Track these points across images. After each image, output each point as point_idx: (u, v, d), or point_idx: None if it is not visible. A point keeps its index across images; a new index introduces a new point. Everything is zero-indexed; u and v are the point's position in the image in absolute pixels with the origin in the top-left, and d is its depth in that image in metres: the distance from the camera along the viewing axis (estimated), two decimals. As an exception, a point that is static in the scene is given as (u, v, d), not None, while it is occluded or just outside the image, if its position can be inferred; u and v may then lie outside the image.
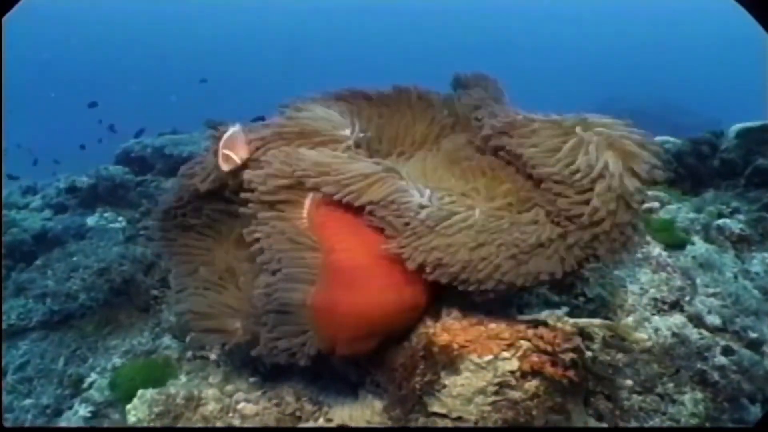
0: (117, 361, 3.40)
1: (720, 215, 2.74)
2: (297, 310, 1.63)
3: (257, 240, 1.72)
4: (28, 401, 3.36)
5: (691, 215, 2.62)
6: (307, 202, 1.71)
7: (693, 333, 1.95)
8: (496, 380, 1.66)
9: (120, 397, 2.79)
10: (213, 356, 2.68)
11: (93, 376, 3.40)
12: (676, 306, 1.99)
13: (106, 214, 4.90)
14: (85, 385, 3.35)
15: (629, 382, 1.85)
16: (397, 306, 1.62)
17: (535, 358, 1.69)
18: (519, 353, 1.66)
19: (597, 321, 1.65)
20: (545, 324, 1.63)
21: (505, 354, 1.65)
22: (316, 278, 1.62)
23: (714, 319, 2.02)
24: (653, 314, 1.94)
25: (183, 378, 2.67)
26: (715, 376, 1.90)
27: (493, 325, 1.63)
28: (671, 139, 3.41)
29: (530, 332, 1.64)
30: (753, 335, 2.01)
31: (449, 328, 1.65)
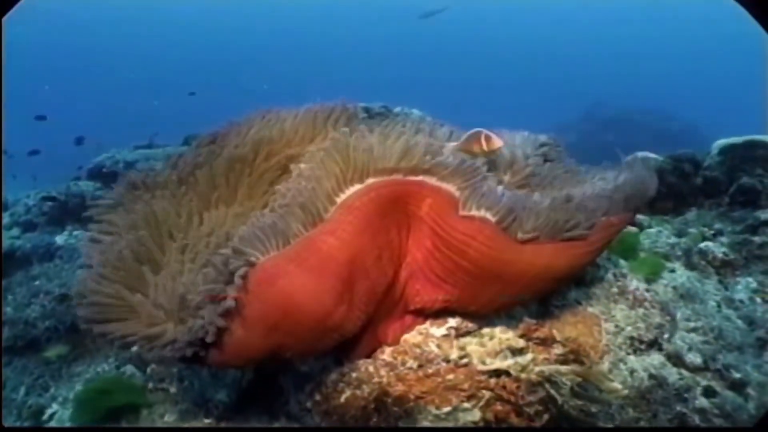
0: (80, 390, 3.27)
1: (703, 238, 2.62)
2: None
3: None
4: (-16, 434, 3.22)
5: (672, 240, 2.50)
6: (369, 182, 1.52)
7: (672, 373, 1.82)
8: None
9: (86, 420, 2.67)
10: (173, 389, 2.57)
11: (54, 406, 3.27)
12: (654, 345, 1.86)
13: (75, 233, 4.76)
14: (45, 417, 3.22)
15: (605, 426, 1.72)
16: (324, 313, 1.45)
17: (498, 407, 1.56)
18: (481, 403, 1.54)
19: (565, 368, 1.53)
20: (508, 373, 1.50)
21: (466, 405, 1.52)
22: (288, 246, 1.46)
23: (695, 358, 1.89)
24: (629, 354, 1.81)
25: (144, 411, 2.56)
26: (696, 419, 1.78)
27: (450, 376, 1.50)
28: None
29: (492, 382, 1.51)
30: (736, 375, 1.88)
31: (404, 378, 1.52)
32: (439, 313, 1.63)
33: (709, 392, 1.84)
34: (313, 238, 1.46)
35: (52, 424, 3.10)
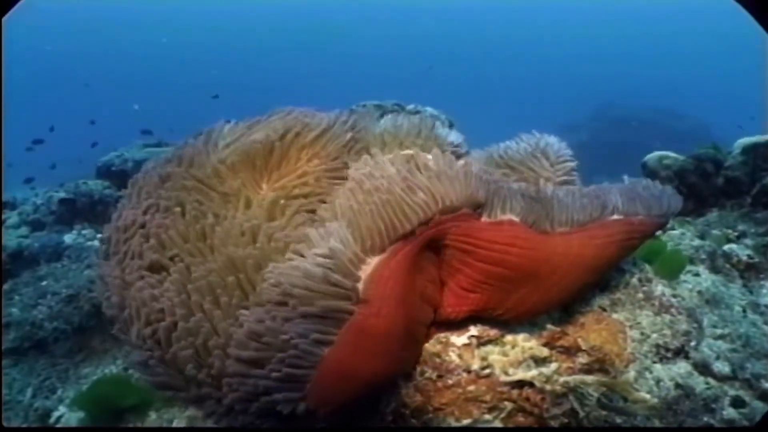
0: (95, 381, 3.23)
1: (727, 240, 2.55)
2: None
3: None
4: (-10, 437, 3.18)
5: (696, 242, 2.42)
6: (391, 248, 1.45)
7: (699, 383, 1.75)
8: (479, 443, 1.48)
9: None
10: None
11: (61, 409, 3.22)
12: (680, 352, 1.79)
13: (84, 232, 4.73)
14: (52, 420, 3.18)
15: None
16: (402, 369, 1.52)
17: (521, 418, 1.50)
18: (503, 415, 1.47)
19: (590, 378, 1.46)
20: (531, 384, 1.43)
21: (487, 416, 1.46)
22: (339, 336, 1.38)
23: (722, 367, 1.82)
24: (655, 362, 1.74)
25: (152, 415, 2.52)
26: (725, 431, 1.71)
27: (471, 387, 1.44)
28: (671, 154, 3.21)
29: (514, 393, 1.45)
30: (766, 385, 1.81)
31: (422, 389, 1.46)
32: (460, 322, 1.57)
33: (737, 402, 1.77)
34: (360, 325, 1.37)
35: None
